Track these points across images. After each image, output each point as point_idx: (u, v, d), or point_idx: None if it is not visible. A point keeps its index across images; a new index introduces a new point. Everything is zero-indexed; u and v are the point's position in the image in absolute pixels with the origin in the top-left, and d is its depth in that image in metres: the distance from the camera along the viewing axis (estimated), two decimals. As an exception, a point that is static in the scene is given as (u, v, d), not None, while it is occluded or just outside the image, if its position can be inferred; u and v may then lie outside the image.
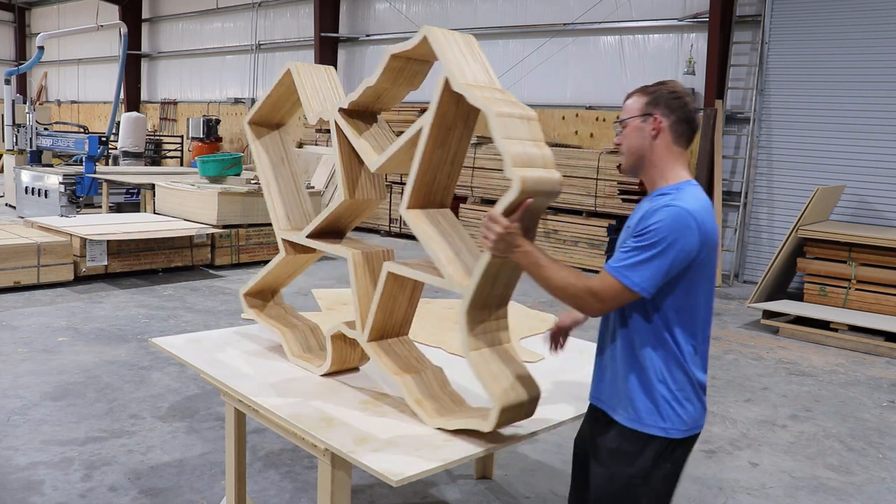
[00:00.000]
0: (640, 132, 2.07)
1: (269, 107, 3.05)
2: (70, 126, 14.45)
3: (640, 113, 2.07)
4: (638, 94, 2.11)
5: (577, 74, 11.13)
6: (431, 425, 2.31)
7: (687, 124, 2.07)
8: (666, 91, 2.07)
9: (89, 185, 10.96)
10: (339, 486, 2.21)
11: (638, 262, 1.91)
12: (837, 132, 8.45)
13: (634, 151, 2.09)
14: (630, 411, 2.06)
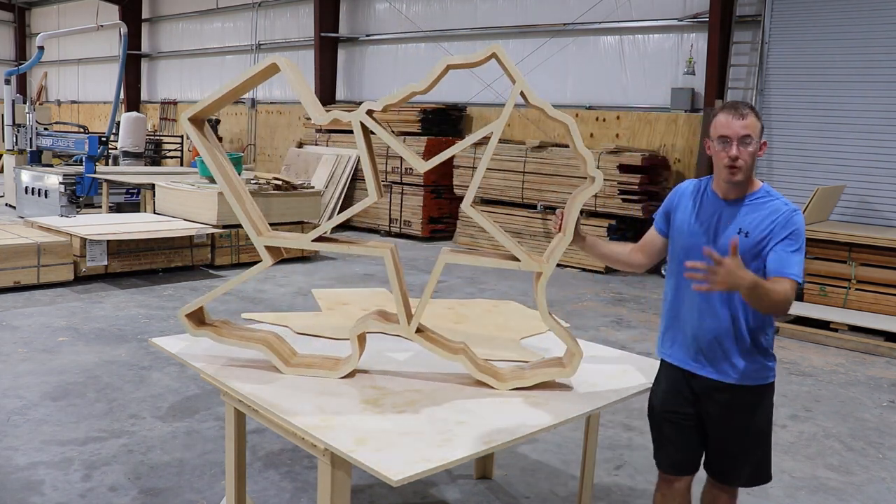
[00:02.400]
0: (755, 153, 2.43)
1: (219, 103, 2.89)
2: (70, 126, 14.46)
3: (760, 137, 2.43)
4: (755, 116, 2.43)
5: (577, 74, 11.13)
6: (506, 388, 2.62)
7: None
8: (761, 122, 2.46)
9: (89, 185, 10.96)
10: (338, 486, 2.21)
11: (798, 261, 2.36)
12: (837, 132, 8.45)
13: (750, 168, 2.44)
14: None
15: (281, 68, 2.69)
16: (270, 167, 15.31)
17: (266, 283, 8.02)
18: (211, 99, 2.79)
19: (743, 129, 2.37)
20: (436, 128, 11.87)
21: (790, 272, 2.32)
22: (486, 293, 7.92)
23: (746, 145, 2.37)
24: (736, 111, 2.40)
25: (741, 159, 2.38)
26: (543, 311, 2.62)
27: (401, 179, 11.58)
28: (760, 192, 2.46)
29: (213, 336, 2.80)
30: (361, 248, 2.83)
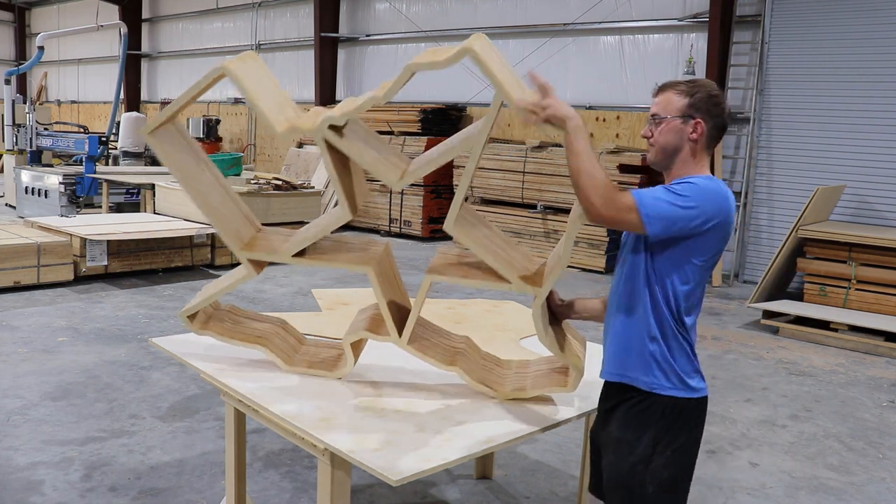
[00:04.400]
0: (679, 132, 2.12)
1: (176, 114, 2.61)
2: (70, 126, 14.45)
3: (682, 114, 2.10)
4: (676, 91, 2.13)
5: (577, 74, 11.13)
6: (503, 398, 2.51)
7: (721, 130, 2.15)
8: (707, 95, 2.11)
9: (89, 185, 10.96)
10: (338, 486, 2.21)
11: (660, 198, 1.99)
12: (837, 132, 8.45)
13: (669, 149, 2.14)
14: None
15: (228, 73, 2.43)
16: (270, 167, 15.31)
17: (266, 282, 8.02)
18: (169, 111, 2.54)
19: (653, 106, 2.16)
20: (436, 128, 11.87)
21: (635, 191, 2.01)
22: (486, 293, 7.92)
23: (657, 123, 2.13)
24: (656, 89, 2.21)
25: (653, 137, 2.15)
26: (540, 333, 2.38)
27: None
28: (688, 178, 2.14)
29: (216, 336, 2.78)
30: (342, 263, 2.61)
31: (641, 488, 2.10)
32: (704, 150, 2.14)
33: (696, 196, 2.00)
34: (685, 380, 2.11)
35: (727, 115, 2.14)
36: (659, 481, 2.10)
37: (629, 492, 2.12)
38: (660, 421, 2.10)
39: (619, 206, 1.98)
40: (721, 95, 2.14)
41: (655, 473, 2.10)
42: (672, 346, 2.10)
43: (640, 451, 2.11)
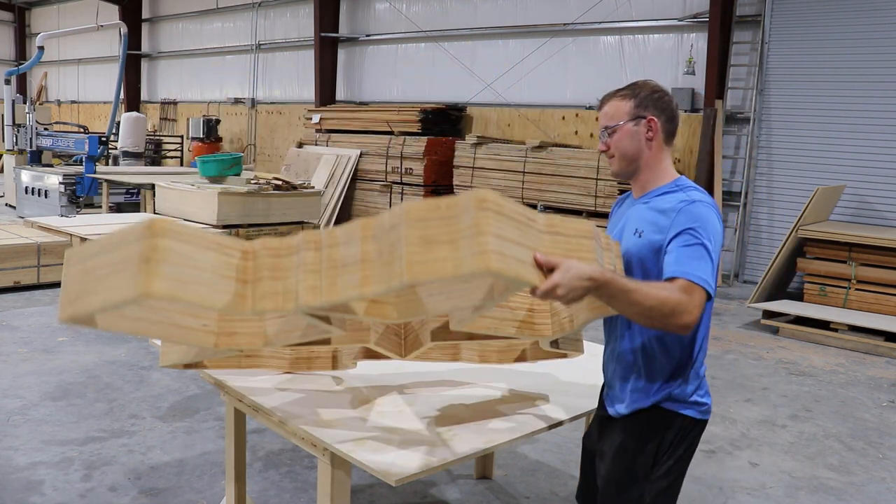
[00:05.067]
0: (634, 136, 2.06)
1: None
2: (70, 126, 14.45)
3: (631, 116, 2.06)
4: (619, 97, 2.09)
5: (577, 74, 11.12)
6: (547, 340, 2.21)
7: (674, 121, 2.11)
8: (650, 91, 2.08)
9: (89, 185, 10.96)
10: (338, 486, 2.21)
11: (703, 259, 1.88)
12: (837, 132, 8.45)
13: (630, 156, 2.08)
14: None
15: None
16: (270, 167, 15.31)
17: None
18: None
19: (602, 119, 2.12)
20: (436, 127, 11.86)
21: (686, 270, 1.85)
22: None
23: (611, 134, 2.08)
24: (599, 103, 2.15)
25: (610, 149, 2.10)
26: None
27: (401, 179, 11.57)
28: (668, 186, 2.07)
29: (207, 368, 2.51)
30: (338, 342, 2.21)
31: (640, 499, 2.10)
32: (664, 147, 2.09)
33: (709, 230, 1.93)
34: (698, 400, 2.11)
35: (675, 106, 2.11)
36: (658, 491, 2.10)
37: (627, 501, 2.11)
38: (666, 434, 2.09)
39: (699, 303, 1.84)
40: (664, 89, 2.11)
41: (655, 484, 2.09)
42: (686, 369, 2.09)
43: (642, 460, 2.09)
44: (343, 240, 1.73)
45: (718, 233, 1.95)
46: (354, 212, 12.21)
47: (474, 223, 1.58)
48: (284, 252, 1.80)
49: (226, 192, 8.77)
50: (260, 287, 1.79)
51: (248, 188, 9.07)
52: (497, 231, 1.60)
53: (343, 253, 1.72)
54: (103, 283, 1.70)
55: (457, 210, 1.61)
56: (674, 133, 2.12)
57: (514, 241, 1.66)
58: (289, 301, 1.78)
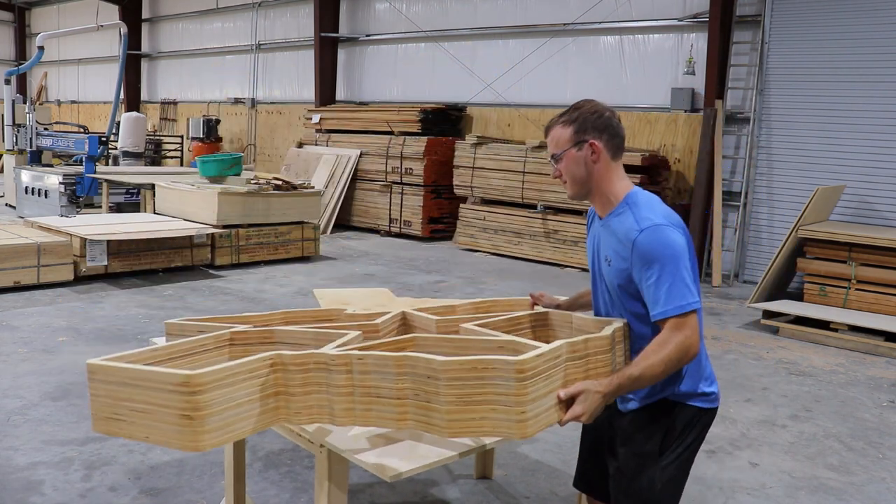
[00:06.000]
0: (580, 161, 2.13)
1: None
2: (70, 126, 14.45)
3: (574, 143, 2.13)
4: (560, 124, 2.15)
5: (577, 74, 11.12)
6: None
7: (618, 139, 2.15)
8: (588, 113, 2.13)
9: (89, 185, 10.97)
10: (336, 484, 2.21)
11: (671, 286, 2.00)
12: (837, 132, 8.45)
13: (580, 181, 2.16)
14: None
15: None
16: (270, 167, 15.31)
17: (266, 283, 8.02)
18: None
19: (549, 145, 2.20)
20: (436, 127, 11.86)
21: (665, 309, 2.00)
22: (487, 293, 7.92)
23: (557, 161, 2.16)
24: (545, 130, 2.22)
25: (561, 176, 2.19)
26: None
27: (401, 179, 11.57)
28: (620, 206, 2.14)
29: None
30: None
31: (650, 485, 2.16)
32: (611, 164, 2.15)
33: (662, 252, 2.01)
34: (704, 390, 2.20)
35: (616, 121, 2.15)
36: (668, 478, 2.17)
37: (638, 488, 2.18)
38: (674, 423, 2.17)
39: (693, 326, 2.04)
40: (602, 107, 2.15)
41: (665, 471, 2.16)
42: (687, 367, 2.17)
43: (650, 448, 2.17)
44: (375, 368, 1.84)
45: (676, 245, 2.02)
46: (354, 212, 12.21)
47: (515, 393, 1.71)
48: (313, 366, 1.92)
49: (226, 192, 8.77)
50: (294, 402, 1.95)
51: (248, 188, 9.07)
52: (533, 396, 1.75)
53: (377, 383, 1.85)
54: (142, 420, 1.83)
55: (494, 373, 1.72)
56: (620, 147, 2.17)
57: (545, 392, 1.81)
58: (322, 415, 1.94)
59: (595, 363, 2.03)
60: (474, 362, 1.75)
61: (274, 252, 9.15)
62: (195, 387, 1.77)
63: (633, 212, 2.08)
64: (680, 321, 2.00)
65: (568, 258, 9.61)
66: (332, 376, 1.92)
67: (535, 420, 1.77)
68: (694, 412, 2.18)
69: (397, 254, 10.20)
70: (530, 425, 1.75)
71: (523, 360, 1.73)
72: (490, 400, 1.75)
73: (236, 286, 7.80)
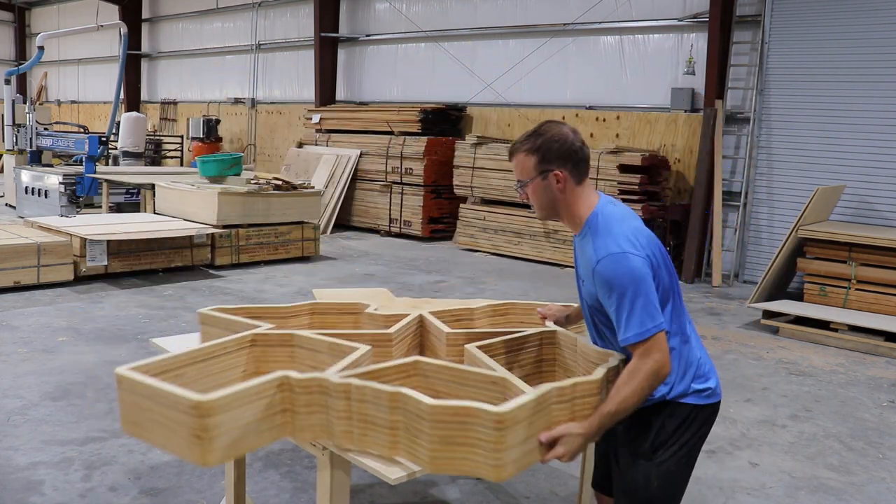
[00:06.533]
0: (546, 189, 2.18)
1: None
2: (70, 126, 14.45)
3: (538, 172, 2.17)
4: (524, 152, 2.18)
5: (577, 74, 11.13)
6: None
7: (583, 163, 2.18)
8: (549, 142, 2.15)
9: (89, 185, 10.97)
10: (337, 486, 2.21)
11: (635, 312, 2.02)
12: (837, 132, 8.45)
13: (546, 206, 2.23)
14: None
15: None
16: (270, 167, 15.31)
17: (266, 283, 8.02)
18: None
19: (515, 172, 2.24)
20: (436, 127, 11.86)
21: (628, 336, 2.03)
22: (487, 293, 7.92)
23: (523, 187, 2.22)
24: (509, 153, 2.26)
25: (529, 199, 2.25)
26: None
27: (401, 179, 11.57)
28: (584, 229, 2.20)
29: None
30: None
31: (647, 482, 2.18)
32: (577, 188, 2.18)
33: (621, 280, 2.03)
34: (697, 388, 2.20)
35: (580, 146, 2.17)
36: (665, 474, 2.17)
37: (634, 486, 2.20)
38: (667, 421, 2.18)
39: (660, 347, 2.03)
40: (564, 132, 2.16)
41: (661, 467, 2.17)
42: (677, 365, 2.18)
43: (645, 445, 2.19)
44: (371, 399, 2.01)
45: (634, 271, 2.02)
46: (354, 212, 12.21)
47: (493, 441, 1.84)
48: (316, 390, 2.09)
49: (226, 192, 8.77)
50: (298, 420, 2.14)
51: (248, 188, 9.07)
52: (511, 443, 1.86)
53: (373, 412, 2.01)
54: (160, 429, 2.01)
55: (476, 420, 1.85)
56: (585, 170, 2.19)
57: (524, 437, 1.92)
58: (324, 433, 2.12)
59: (581, 405, 2.09)
60: (458, 409, 1.88)
61: (274, 252, 9.15)
62: (205, 411, 1.90)
63: (592, 239, 2.13)
64: (646, 346, 2.02)
65: (568, 258, 9.61)
66: (332, 401, 2.08)
67: (513, 463, 1.89)
68: (688, 409, 2.18)
69: (397, 254, 10.20)
70: (507, 469, 1.87)
71: (502, 413, 1.84)
72: (471, 443, 1.88)
73: (236, 286, 7.80)
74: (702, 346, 2.28)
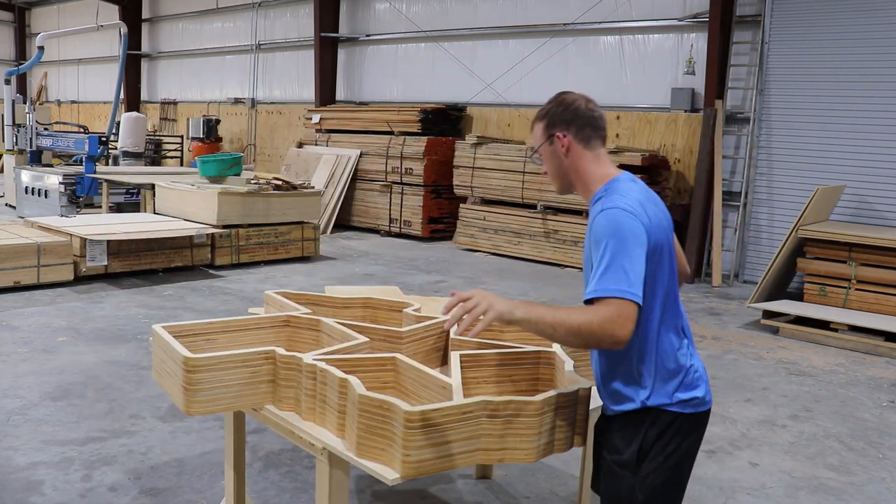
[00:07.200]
0: (553, 155, 2.15)
1: None
2: (70, 126, 14.45)
3: (545, 137, 2.16)
4: (536, 120, 2.19)
5: (577, 74, 11.12)
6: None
7: (590, 126, 2.12)
8: (555, 106, 2.15)
9: (89, 185, 10.96)
10: (336, 486, 2.21)
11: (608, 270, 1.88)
12: (837, 132, 8.45)
13: (557, 174, 2.18)
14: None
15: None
16: (270, 167, 15.31)
17: (266, 283, 8.02)
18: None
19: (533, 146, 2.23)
20: (436, 127, 11.86)
21: (597, 288, 1.88)
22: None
23: (538, 156, 2.20)
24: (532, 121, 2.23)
25: (543, 169, 2.22)
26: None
27: (401, 179, 11.57)
28: (599, 191, 2.09)
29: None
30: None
31: (631, 494, 2.09)
32: (584, 154, 2.12)
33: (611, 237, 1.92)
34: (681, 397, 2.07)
35: (587, 111, 2.12)
36: (651, 487, 2.08)
37: (618, 497, 2.12)
38: (649, 430, 2.07)
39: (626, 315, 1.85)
40: (572, 98, 2.14)
41: (646, 480, 2.08)
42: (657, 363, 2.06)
43: (627, 456, 2.09)
44: (329, 382, 2.21)
45: (628, 230, 1.92)
46: (354, 212, 12.21)
47: (402, 437, 1.94)
48: (294, 367, 2.34)
49: (226, 192, 8.77)
50: (279, 391, 2.38)
51: (248, 188, 9.07)
52: (421, 444, 1.95)
53: (329, 395, 2.22)
54: (169, 379, 2.40)
55: (391, 414, 1.98)
56: (595, 135, 2.13)
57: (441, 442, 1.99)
58: (297, 407, 2.35)
59: (518, 424, 2.08)
60: (381, 402, 2.01)
61: (274, 252, 9.15)
62: (191, 366, 2.24)
63: (606, 197, 2.03)
64: (604, 305, 1.86)
65: (568, 258, 9.61)
66: (304, 379, 2.31)
67: (423, 464, 1.96)
68: (671, 418, 2.06)
69: (397, 254, 10.20)
70: (414, 468, 1.95)
71: (412, 412, 1.93)
72: (388, 436, 2.00)
73: (236, 286, 7.80)
74: (695, 353, 2.15)
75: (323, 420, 2.24)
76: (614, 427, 2.14)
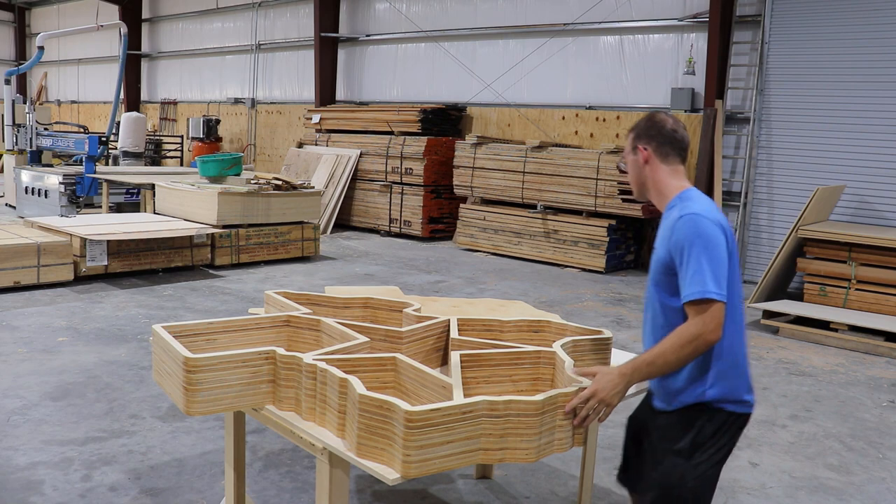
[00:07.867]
0: (635, 164, 2.41)
1: None
2: (70, 126, 14.45)
3: (631, 148, 2.41)
4: (629, 132, 2.44)
5: (577, 74, 11.13)
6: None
7: (670, 145, 2.34)
8: (643, 123, 2.39)
9: (89, 185, 10.96)
10: (337, 486, 2.22)
11: (697, 272, 2.10)
12: (837, 132, 8.45)
13: (635, 181, 2.44)
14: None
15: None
16: (270, 167, 15.31)
17: (266, 283, 8.02)
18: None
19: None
20: (436, 127, 11.86)
21: (686, 293, 2.11)
22: (487, 293, 7.92)
23: (623, 164, 2.48)
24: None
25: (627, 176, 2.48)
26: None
27: (401, 179, 11.57)
28: (673, 201, 2.32)
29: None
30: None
31: (681, 481, 2.24)
32: (662, 167, 2.35)
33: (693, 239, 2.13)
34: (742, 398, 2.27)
35: (670, 130, 2.33)
36: (699, 475, 2.24)
37: (669, 483, 2.26)
38: (706, 425, 2.25)
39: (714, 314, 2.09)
40: (662, 118, 2.36)
41: (698, 468, 2.24)
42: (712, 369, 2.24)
43: (683, 445, 2.25)
44: (329, 382, 2.22)
45: (708, 234, 2.14)
46: (354, 212, 12.21)
47: (402, 437, 1.95)
48: (295, 367, 2.36)
49: (226, 192, 8.77)
50: (279, 391, 2.39)
51: (248, 188, 9.07)
52: (421, 443, 1.96)
53: (330, 395, 2.22)
54: (169, 379, 2.41)
55: (391, 414, 1.99)
56: (674, 153, 2.35)
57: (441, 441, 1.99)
58: (298, 407, 2.36)
59: (516, 423, 2.11)
60: (381, 402, 2.02)
61: (274, 252, 9.15)
62: (190, 366, 2.25)
63: (681, 204, 2.26)
64: (698, 308, 2.09)
65: (568, 258, 9.61)
66: (304, 379, 2.32)
67: (423, 464, 1.97)
68: (726, 416, 2.25)
69: (397, 254, 10.20)
70: (415, 468, 1.96)
71: (412, 412, 1.95)
72: (388, 436, 2.01)
73: (236, 286, 7.80)
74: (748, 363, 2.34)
75: (323, 420, 2.25)
76: (671, 419, 2.27)
